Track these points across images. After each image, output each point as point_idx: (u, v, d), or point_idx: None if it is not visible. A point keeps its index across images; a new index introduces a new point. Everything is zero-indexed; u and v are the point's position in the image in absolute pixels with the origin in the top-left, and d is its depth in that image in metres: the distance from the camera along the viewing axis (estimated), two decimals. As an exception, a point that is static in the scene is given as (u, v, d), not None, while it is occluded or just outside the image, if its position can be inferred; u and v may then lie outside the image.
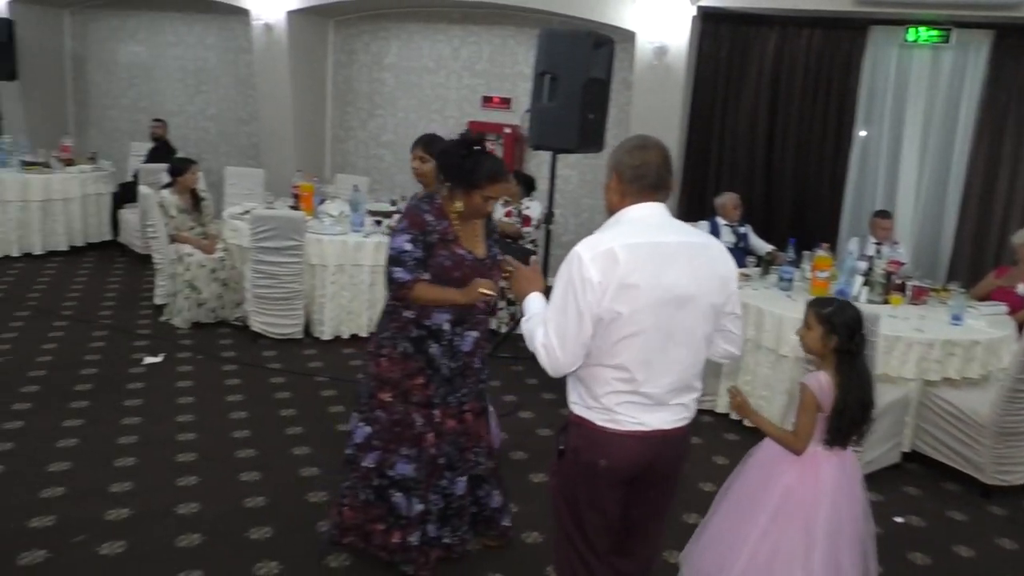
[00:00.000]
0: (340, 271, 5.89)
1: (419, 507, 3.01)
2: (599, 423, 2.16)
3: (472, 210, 2.90)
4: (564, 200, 7.66)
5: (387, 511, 3.05)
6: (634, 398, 2.14)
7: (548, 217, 5.89)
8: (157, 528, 3.37)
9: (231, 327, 6.07)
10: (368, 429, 3.06)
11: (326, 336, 5.94)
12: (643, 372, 2.12)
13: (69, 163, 8.05)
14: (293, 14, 8.06)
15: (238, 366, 5.34)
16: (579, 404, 2.22)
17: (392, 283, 2.88)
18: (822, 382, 2.62)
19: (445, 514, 3.11)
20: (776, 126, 6.96)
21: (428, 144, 3.74)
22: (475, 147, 2.87)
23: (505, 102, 8.00)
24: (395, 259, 2.87)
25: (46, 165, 7.82)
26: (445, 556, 3.14)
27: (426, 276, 2.87)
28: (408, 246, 2.86)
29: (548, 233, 6.00)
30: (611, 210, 2.22)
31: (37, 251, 7.67)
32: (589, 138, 5.41)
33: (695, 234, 2.24)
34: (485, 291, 2.79)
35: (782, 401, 4.56)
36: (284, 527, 3.45)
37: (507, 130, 7.75)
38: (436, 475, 3.05)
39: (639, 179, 2.15)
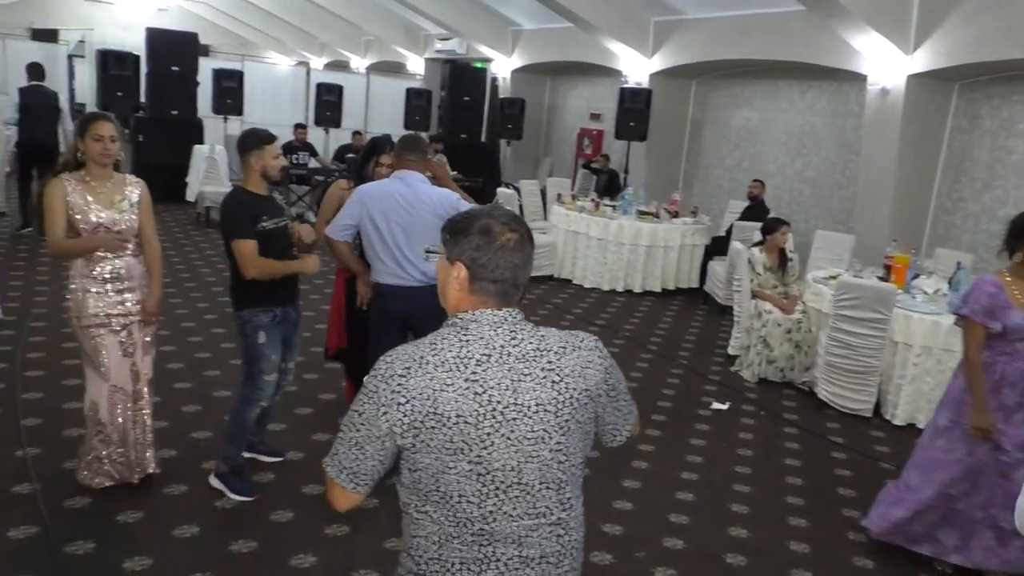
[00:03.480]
0: (927, 353, 5.35)
1: None
2: None
3: None
4: None
5: None
6: None
7: None
8: (706, 571, 3.49)
9: (796, 390, 6.01)
10: None
11: (898, 420, 5.45)
12: None
13: (675, 215, 9.01)
14: (914, 78, 7.65)
15: (799, 431, 5.24)
16: None
17: None
18: None
19: None
20: None
21: None
22: None
23: None
24: None
25: (656, 215, 8.87)
26: None
27: None
28: None
29: None
30: None
31: (636, 289, 8.73)
32: None
33: None
34: None
35: None
36: (828, 614, 3.25)
37: None
38: None
39: None
